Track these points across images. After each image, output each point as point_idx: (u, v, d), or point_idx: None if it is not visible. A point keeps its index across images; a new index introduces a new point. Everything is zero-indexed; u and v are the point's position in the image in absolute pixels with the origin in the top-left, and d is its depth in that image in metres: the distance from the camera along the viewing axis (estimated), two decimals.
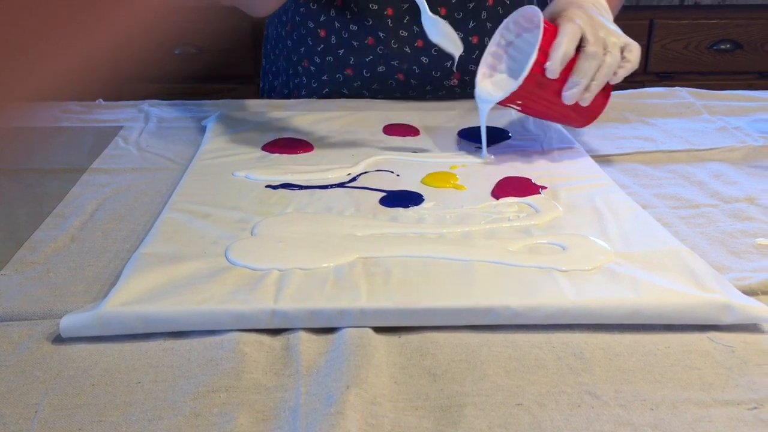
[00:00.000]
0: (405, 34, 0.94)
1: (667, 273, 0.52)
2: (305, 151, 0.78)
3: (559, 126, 0.84)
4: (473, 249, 0.56)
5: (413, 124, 0.86)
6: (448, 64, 0.94)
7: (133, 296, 0.49)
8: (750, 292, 0.52)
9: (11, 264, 0.57)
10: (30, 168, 0.75)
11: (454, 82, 0.96)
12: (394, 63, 0.95)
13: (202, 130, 0.85)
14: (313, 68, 0.99)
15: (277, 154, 0.77)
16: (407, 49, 0.94)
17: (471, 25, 0.94)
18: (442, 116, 0.88)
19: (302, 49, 0.99)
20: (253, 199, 0.66)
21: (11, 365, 0.45)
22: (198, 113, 0.92)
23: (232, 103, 0.95)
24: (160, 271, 0.52)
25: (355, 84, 0.97)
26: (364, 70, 0.96)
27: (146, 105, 0.94)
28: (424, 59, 0.95)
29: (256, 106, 0.94)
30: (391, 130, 0.84)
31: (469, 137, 0.82)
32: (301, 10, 0.98)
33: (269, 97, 1.09)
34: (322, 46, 0.97)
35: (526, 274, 0.52)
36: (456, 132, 0.83)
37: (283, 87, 1.05)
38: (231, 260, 0.55)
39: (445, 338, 0.48)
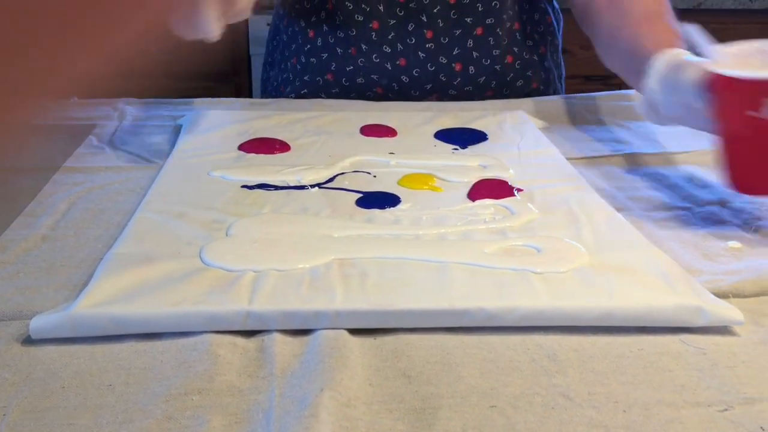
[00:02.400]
0: (388, 50, 0.94)
1: (640, 276, 0.53)
2: (282, 151, 0.78)
3: (534, 127, 0.84)
4: (449, 250, 0.57)
5: (390, 125, 0.86)
6: (429, 86, 0.94)
7: (106, 297, 0.49)
8: (721, 294, 0.52)
9: None
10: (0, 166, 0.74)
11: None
12: (374, 77, 0.95)
13: (178, 129, 0.84)
14: (299, 67, 0.99)
15: (253, 154, 0.77)
16: (388, 66, 0.94)
17: (455, 51, 0.94)
18: (419, 117, 0.88)
19: (293, 46, 1.00)
20: (229, 199, 0.66)
21: None
22: (173, 112, 0.91)
23: (208, 101, 0.95)
24: (133, 272, 0.52)
25: (333, 90, 0.97)
26: (344, 79, 0.96)
27: (121, 103, 0.93)
28: (404, 78, 0.95)
29: (232, 105, 0.94)
30: (369, 130, 0.84)
31: (445, 138, 0.82)
32: (297, 6, 0.98)
33: (266, 87, 1.09)
34: (309, 46, 0.97)
35: (501, 276, 0.53)
36: (432, 134, 0.83)
37: (273, 80, 1.06)
38: (205, 261, 0.54)
39: (421, 340, 0.48)
